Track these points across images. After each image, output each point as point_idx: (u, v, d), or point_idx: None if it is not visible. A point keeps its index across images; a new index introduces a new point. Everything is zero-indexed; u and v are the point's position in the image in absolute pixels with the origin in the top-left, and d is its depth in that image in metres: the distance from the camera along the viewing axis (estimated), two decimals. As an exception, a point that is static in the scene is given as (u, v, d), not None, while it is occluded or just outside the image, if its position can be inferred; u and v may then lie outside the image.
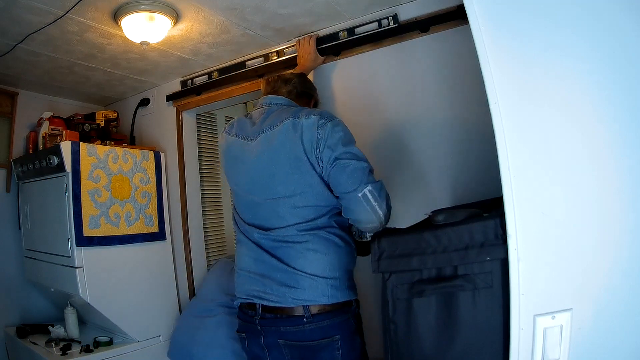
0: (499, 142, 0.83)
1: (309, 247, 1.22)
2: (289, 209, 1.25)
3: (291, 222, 1.24)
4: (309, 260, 1.22)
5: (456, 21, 1.66)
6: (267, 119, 1.32)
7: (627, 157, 0.77)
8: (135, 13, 1.69)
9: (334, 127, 1.23)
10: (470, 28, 0.86)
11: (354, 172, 1.18)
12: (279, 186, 1.25)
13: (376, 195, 1.18)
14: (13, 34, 1.81)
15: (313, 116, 1.24)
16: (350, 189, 1.18)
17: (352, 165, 1.19)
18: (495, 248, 0.90)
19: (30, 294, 2.46)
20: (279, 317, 1.23)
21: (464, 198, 1.63)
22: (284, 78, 1.48)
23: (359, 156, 1.22)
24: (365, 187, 1.17)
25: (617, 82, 0.77)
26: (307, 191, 1.23)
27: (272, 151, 1.26)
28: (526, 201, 0.81)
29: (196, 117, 2.68)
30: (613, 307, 0.78)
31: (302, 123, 1.23)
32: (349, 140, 1.24)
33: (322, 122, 1.23)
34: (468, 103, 1.66)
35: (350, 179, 1.18)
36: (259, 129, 1.31)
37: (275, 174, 1.26)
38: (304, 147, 1.22)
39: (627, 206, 0.77)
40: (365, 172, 1.20)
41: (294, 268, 1.22)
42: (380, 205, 1.18)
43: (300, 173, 1.23)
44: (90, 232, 2.07)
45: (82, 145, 2.10)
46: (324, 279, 1.21)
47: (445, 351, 0.96)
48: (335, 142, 1.21)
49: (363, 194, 1.17)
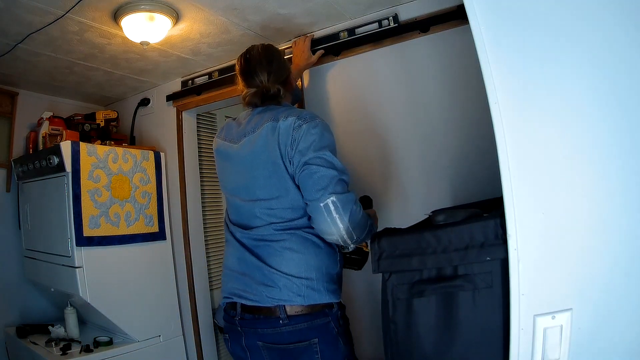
0: (499, 142, 0.83)
1: (285, 246, 1.21)
2: (265, 210, 1.25)
3: (268, 221, 1.24)
4: (286, 259, 1.20)
5: (456, 21, 1.66)
6: (251, 121, 1.33)
7: (627, 157, 0.77)
8: (135, 13, 1.69)
9: (310, 130, 1.20)
10: (470, 28, 0.86)
11: (320, 180, 1.15)
12: (258, 190, 1.26)
13: (339, 207, 1.13)
14: (13, 34, 1.81)
15: (290, 118, 1.23)
16: (313, 197, 1.15)
17: (319, 172, 1.15)
18: (495, 248, 0.90)
19: (30, 294, 2.46)
20: (257, 317, 1.22)
21: (464, 198, 1.63)
22: None
23: (331, 162, 1.18)
24: (329, 197, 1.13)
25: (617, 82, 0.77)
26: (283, 195, 1.23)
27: (254, 155, 1.26)
28: (526, 201, 0.81)
29: (196, 117, 2.68)
30: (613, 307, 0.78)
31: (280, 126, 1.23)
32: (323, 145, 1.20)
33: (297, 124, 1.21)
34: (468, 103, 1.66)
35: (315, 186, 1.15)
36: (243, 131, 1.33)
37: (255, 178, 1.26)
38: (280, 151, 1.21)
39: (627, 206, 0.77)
40: (333, 180, 1.15)
41: (270, 266, 1.21)
42: (342, 219, 1.13)
43: (277, 177, 1.23)
44: (90, 232, 2.07)
45: (82, 145, 2.10)
46: (298, 279, 1.19)
47: (445, 351, 0.96)
48: (307, 146, 1.18)
49: (325, 204, 1.13)
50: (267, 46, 1.42)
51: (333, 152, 1.21)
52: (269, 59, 1.36)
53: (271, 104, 1.34)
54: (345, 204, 1.14)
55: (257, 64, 1.35)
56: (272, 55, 1.38)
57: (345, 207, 1.14)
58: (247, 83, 1.37)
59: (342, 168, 1.20)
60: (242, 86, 1.39)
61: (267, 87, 1.32)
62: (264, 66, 1.34)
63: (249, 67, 1.36)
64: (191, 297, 2.49)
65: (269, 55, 1.37)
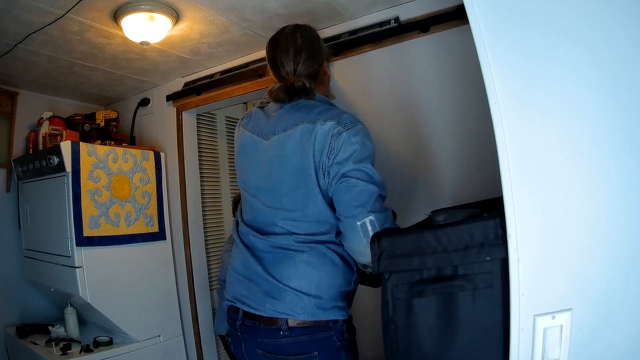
0: (499, 142, 0.82)
1: (303, 259, 1.13)
2: (288, 221, 1.16)
3: (290, 231, 1.16)
4: (299, 272, 1.12)
5: (456, 21, 1.66)
6: (282, 117, 1.19)
7: (627, 156, 0.77)
8: (135, 13, 1.69)
9: (350, 138, 1.09)
10: (470, 28, 0.86)
11: (360, 195, 1.05)
12: (283, 197, 1.16)
13: (377, 227, 1.05)
14: (13, 34, 1.81)
15: (329, 122, 1.10)
16: (350, 214, 1.06)
17: (359, 187, 1.06)
18: (495, 248, 0.90)
19: (30, 294, 2.46)
20: (257, 325, 1.16)
21: (464, 198, 1.62)
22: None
23: (371, 177, 1.08)
24: (367, 215, 1.04)
25: (617, 82, 0.77)
26: (310, 208, 1.14)
27: (283, 158, 1.15)
28: (526, 201, 0.81)
29: (196, 117, 2.68)
30: (613, 307, 0.78)
31: (317, 130, 1.11)
32: (364, 156, 1.10)
33: (337, 130, 1.09)
34: (468, 103, 1.66)
35: (353, 202, 1.05)
36: (274, 128, 1.20)
37: (282, 184, 1.16)
38: (314, 160, 1.10)
39: (627, 206, 0.77)
40: (373, 197, 1.06)
41: (276, 278, 1.13)
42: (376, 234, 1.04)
43: (307, 188, 1.13)
44: (90, 232, 2.07)
45: (82, 145, 2.10)
46: (307, 296, 1.11)
47: (445, 351, 0.96)
48: (347, 157, 1.08)
49: (362, 223, 1.05)
50: (297, 28, 1.24)
51: (373, 164, 1.12)
52: (298, 47, 1.19)
53: (301, 98, 1.19)
54: (383, 224, 1.06)
55: (283, 52, 1.20)
56: (302, 40, 1.21)
57: (384, 227, 1.06)
58: (274, 74, 1.24)
59: (382, 182, 1.10)
60: (271, 75, 1.27)
61: (292, 81, 1.17)
62: (291, 55, 1.19)
63: (274, 56, 1.21)
64: (191, 297, 2.49)
65: (298, 41, 1.20)
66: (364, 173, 1.08)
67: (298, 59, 1.19)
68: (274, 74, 1.25)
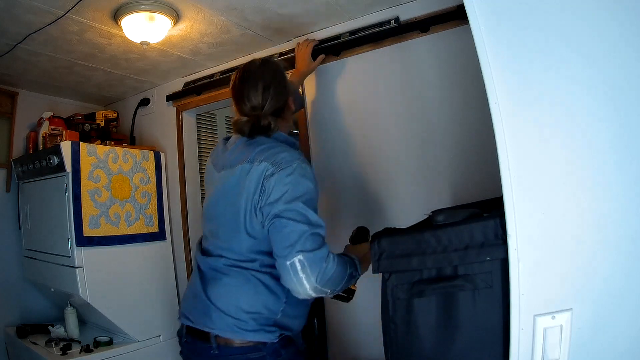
0: (499, 142, 0.83)
1: (227, 281, 1.18)
2: (220, 246, 1.23)
3: (220, 254, 1.21)
4: (223, 293, 1.18)
5: (456, 21, 1.66)
6: (234, 151, 1.25)
7: (627, 156, 0.77)
8: (135, 13, 1.69)
9: (282, 178, 1.11)
10: (470, 28, 0.86)
11: (289, 235, 1.07)
12: (220, 227, 1.23)
13: (306, 266, 1.04)
14: (13, 34, 1.81)
15: (264, 163, 1.14)
16: (281, 254, 1.08)
17: (288, 227, 1.07)
18: (495, 248, 0.90)
19: (30, 294, 2.46)
20: (194, 342, 1.21)
21: (464, 198, 1.62)
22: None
23: (303, 215, 1.09)
24: (296, 255, 1.05)
25: (617, 82, 0.77)
26: (234, 244, 1.19)
27: (224, 193, 1.22)
28: (526, 201, 0.81)
29: (196, 117, 2.68)
30: (613, 307, 0.78)
31: (252, 171, 1.15)
32: (297, 195, 1.10)
33: (270, 171, 1.12)
34: (468, 103, 1.66)
35: (283, 242, 1.07)
36: (225, 162, 1.26)
37: (219, 216, 1.23)
38: (245, 201, 1.14)
39: (627, 206, 0.77)
40: (303, 236, 1.06)
41: (208, 297, 1.19)
42: (309, 279, 1.05)
43: (235, 226, 1.18)
44: (90, 232, 2.07)
45: (82, 145, 2.10)
46: (228, 316, 1.15)
47: (445, 351, 0.96)
48: (279, 197, 1.10)
49: (292, 263, 1.05)
50: (266, 63, 1.28)
51: (308, 203, 1.12)
52: (267, 83, 1.22)
53: (260, 135, 1.23)
54: (313, 263, 1.05)
55: (252, 89, 1.23)
56: (271, 77, 1.24)
57: (313, 266, 1.05)
58: (238, 107, 1.27)
59: (316, 221, 1.11)
60: (234, 108, 1.28)
61: (259, 117, 1.21)
62: (259, 91, 1.22)
63: (242, 90, 1.24)
64: (191, 297, 2.49)
65: (267, 78, 1.23)
66: (295, 212, 1.09)
67: (267, 95, 1.22)
68: (236, 107, 1.27)
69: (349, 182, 1.98)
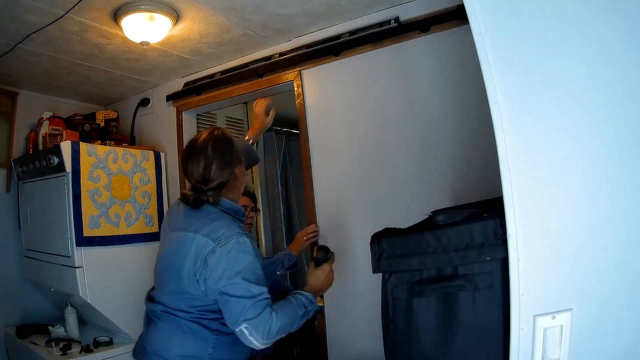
0: (499, 142, 0.83)
1: (160, 326, 1.30)
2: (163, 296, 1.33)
3: (162, 302, 1.32)
4: (159, 336, 1.30)
5: (456, 21, 1.66)
6: (181, 216, 1.34)
7: (627, 156, 0.77)
8: (135, 13, 1.69)
9: (223, 256, 1.21)
10: (470, 28, 0.86)
11: (234, 309, 1.19)
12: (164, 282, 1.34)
13: (252, 331, 1.18)
14: (13, 34, 1.81)
15: (205, 238, 1.24)
16: (231, 324, 1.21)
17: (231, 302, 1.19)
18: (495, 248, 0.90)
19: (30, 294, 2.46)
20: None
21: (464, 198, 1.63)
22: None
23: (244, 289, 1.20)
24: (242, 324, 1.18)
25: (617, 82, 0.77)
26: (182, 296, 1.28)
27: (170, 253, 1.32)
28: (526, 201, 0.81)
29: (196, 117, 2.68)
30: (613, 307, 0.78)
31: (196, 241, 1.24)
32: (236, 271, 1.21)
33: (211, 247, 1.22)
34: (468, 103, 1.66)
35: (231, 315, 1.20)
36: (174, 224, 1.36)
37: (165, 272, 1.34)
38: (187, 266, 1.24)
39: (627, 206, 0.77)
40: (245, 308, 1.18)
41: (146, 339, 1.33)
42: (257, 340, 1.18)
43: (176, 284, 1.28)
44: (91, 232, 2.07)
45: (82, 145, 2.10)
46: (157, 356, 1.28)
47: (445, 351, 0.96)
48: (221, 273, 1.20)
49: (240, 331, 1.18)
50: (210, 139, 1.33)
51: (248, 276, 1.21)
52: (208, 160, 1.29)
53: (203, 205, 1.31)
54: (257, 327, 1.18)
55: (195, 164, 1.30)
56: (212, 152, 1.30)
57: (258, 329, 1.18)
58: (185, 178, 1.37)
59: (257, 292, 1.21)
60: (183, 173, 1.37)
61: (200, 192, 1.30)
62: (201, 167, 1.29)
63: (186, 165, 1.33)
64: (191, 297, 2.49)
65: (209, 154, 1.30)
66: (237, 288, 1.20)
67: (208, 172, 1.29)
68: (184, 174, 1.37)
69: (349, 182, 1.98)
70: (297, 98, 2.12)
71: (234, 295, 1.19)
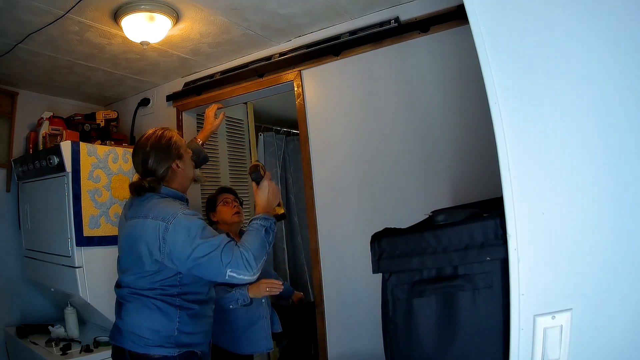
0: (499, 142, 0.83)
1: (130, 307, 1.42)
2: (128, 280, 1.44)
3: (128, 285, 1.43)
4: (126, 316, 1.42)
5: (456, 21, 1.66)
6: (132, 206, 1.47)
7: (627, 156, 0.77)
8: (135, 13, 1.69)
9: (176, 229, 1.32)
10: (470, 28, 0.86)
11: (211, 265, 1.29)
12: (125, 266, 1.45)
13: (237, 271, 1.28)
14: (13, 34, 1.82)
15: (155, 220, 1.35)
16: (217, 279, 1.33)
17: (205, 262, 1.29)
18: (495, 248, 0.90)
19: (30, 294, 2.46)
20: (116, 357, 1.45)
21: (464, 198, 1.63)
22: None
23: (208, 246, 1.30)
24: (226, 272, 1.28)
25: (617, 82, 0.77)
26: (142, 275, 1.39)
27: (127, 239, 1.43)
28: (526, 201, 0.81)
29: (196, 117, 2.68)
30: (613, 307, 0.78)
31: (147, 225, 1.36)
32: (193, 236, 1.32)
33: (164, 227, 1.33)
34: (468, 103, 1.66)
35: (211, 272, 1.30)
36: (131, 214, 1.46)
37: (125, 257, 1.46)
38: (147, 247, 1.35)
39: (627, 206, 0.77)
40: (218, 259, 1.28)
41: (120, 318, 1.44)
42: (246, 274, 1.29)
43: (136, 266, 1.39)
44: (91, 232, 2.07)
45: (82, 145, 2.10)
46: (132, 333, 1.39)
47: (445, 351, 0.96)
48: (182, 244, 1.31)
49: (229, 277, 1.28)
50: (150, 138, 1.49)
51: (204, 234, 1.33)
52: (146, 155, 1.46)
53: (147, 193, 1.44)
54: (238, 266, 1.28)
55: (135, 157, 1.49)
56: (150, 149, 1.47)
57: (240, 267, 1.28)
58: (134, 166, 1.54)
59: (218, 243, 1.31)
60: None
61: (137, 182, 1.45)
62: (140, 162, 1.48)
63: (132, 159, 1.52)
64: (191, 297, 2.49)
65: (147, 150, 1.47)
66: (201, 248, 1.30)
67: (145, 165, 1.47)
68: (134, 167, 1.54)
69: (349, 182, 1.98)
70: (297, 98, 2.12)
71: (204, 255, 1.29)
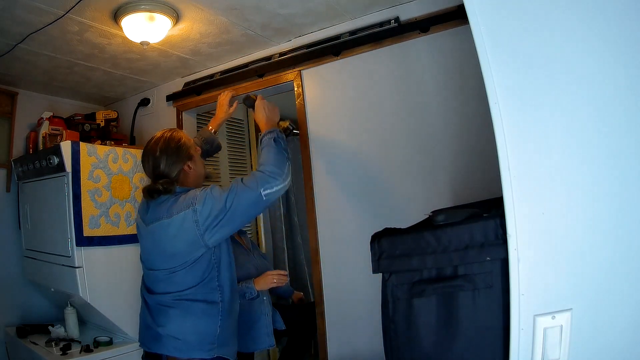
0: (499, 142, 0.83)
1: (176, 312, 1.42)
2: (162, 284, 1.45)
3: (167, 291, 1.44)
4: (170, 321, 1.42)
5: (456, 21, 1.66)
6: (151, 209, 1.46)
7: (627, 156, 0.77)
8: (135, 13, 1.69)
9: (203, 203, 1.35)
10: (470, 28, 0.86)
11: (246, 200, 1.34)
12: (158, 270, 1.45)
13: (267, 185, 1.34)
14: (13, 34, 1.81)
15: (181, 213, 1.36)
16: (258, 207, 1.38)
17: (239, 202, 1.33)
18: (495, 248, 0.90)
19: (30, 294, 2.46)
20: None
21: (464, 198, 1.63)
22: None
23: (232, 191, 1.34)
24: (259, 192, 1.33)
25: (617, 82, 0.77)
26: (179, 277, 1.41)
27: (154, 243, 1.44)
28: (526, 201, 0.81)
29: (196, 117, 2.68)
30: (613, 307, 0.78)
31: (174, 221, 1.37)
32: (217, 195, 1.35)
33: (191, 209, 1.35)
34: (468, 103, 1.66)
35: (249, 205, 1.35)
36: (151, 217, 1.45)
37: (156, 261, 1.46)
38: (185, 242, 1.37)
39: (627, 206, 0.77)
40: (246, 190, 1.33)
41: (158, 325, 1.43)
42: (277, 184, 1.35)
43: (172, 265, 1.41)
44: (91, 232, 2.07)
45: (82, 145, 2.10)
46: (175, 339, 1.40)
47: (446, 351, 0.96)
48: (212, 207, 1.34)
49: (266, 195, 1.34)
50: (159, 141, 1.48)
51: (222, 189, 1.38)
52: (156, 160, 1.45)
53: (160, 195, 1.43)
54: (266, 183, 1.34)
55: (145, 162, 1.49)
56: (160, 153, 1.45)
57: (269, 182, 1.34)
58: (144, 171, 1.54)
59: (236, 183, 1.37)
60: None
61: (150, 186, 1.45)
62: (150, 166, 1.47)
63: (142, 163, 1.52)
64: (191, 297, 2.49)
65: (157, 154, 1.45)
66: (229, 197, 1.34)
67: (157, 171, 1.46)
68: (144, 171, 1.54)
69: (349, 181, 1.98)
70: (297, 98, 2.12)
71: (234, 198, 1.33)
